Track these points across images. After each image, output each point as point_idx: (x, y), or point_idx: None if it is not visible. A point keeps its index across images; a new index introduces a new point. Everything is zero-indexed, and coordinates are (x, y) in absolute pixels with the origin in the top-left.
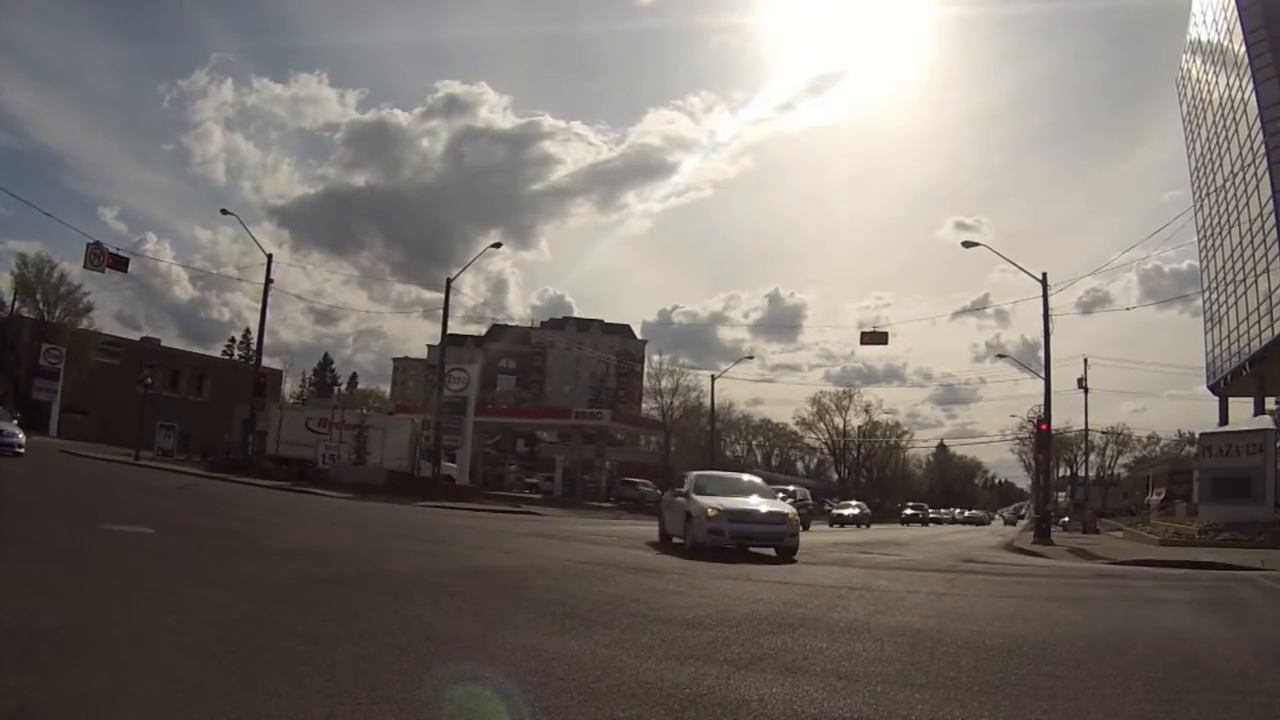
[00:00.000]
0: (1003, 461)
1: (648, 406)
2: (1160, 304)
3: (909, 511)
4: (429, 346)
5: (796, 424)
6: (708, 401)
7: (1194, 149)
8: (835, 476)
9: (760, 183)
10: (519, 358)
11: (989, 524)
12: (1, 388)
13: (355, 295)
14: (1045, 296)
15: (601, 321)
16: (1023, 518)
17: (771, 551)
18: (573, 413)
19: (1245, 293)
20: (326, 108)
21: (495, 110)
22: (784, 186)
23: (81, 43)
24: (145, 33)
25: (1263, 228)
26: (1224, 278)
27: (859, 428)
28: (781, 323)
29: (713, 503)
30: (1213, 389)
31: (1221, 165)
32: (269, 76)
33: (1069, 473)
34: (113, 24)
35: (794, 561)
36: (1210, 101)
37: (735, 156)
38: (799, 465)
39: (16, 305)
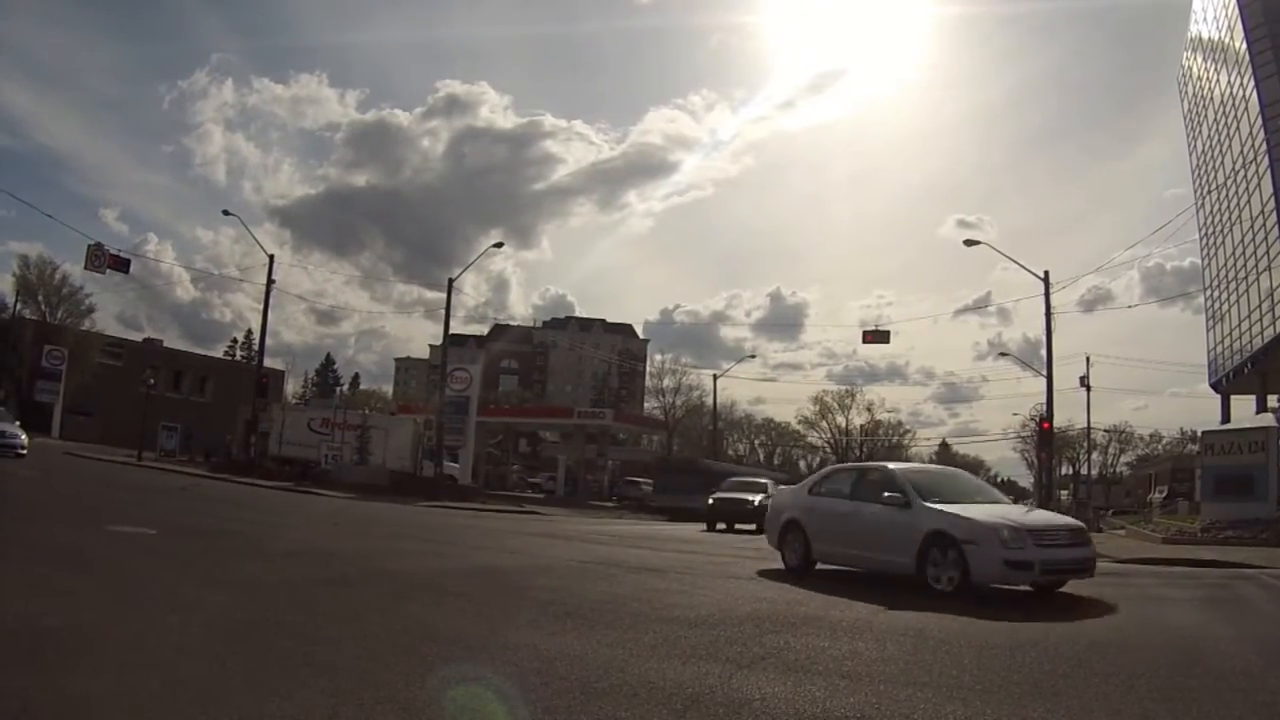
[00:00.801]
0: (1005, 460)
1: (650, 406)
2: (1162, 302)
3: None
4: (431, 346)
5: (799, 423)
6: (710, 401)
7: (1195, 146)
8: None
9: (761, 181)
10: (521, 357)
11: None
12: (4, 389)
13: (357, 295)
14: (1047, 295)
15: (604, 321)
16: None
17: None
18: (575, 412)
19: (1247, 290)
20: (327, 108)
21: (496, 110)
22: (785, 185)
23: (81, 44)
24: (145, 33)
25: (1264, 225)
26: (1226, 275)
27: (861, 427)
28: (783, 321)
29: (998, 518)
30: (1215, 387)
31: (1223, 163)
32: (269, 77)
33: (1071, 471)
34: (112, 25)
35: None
36: (1211, 99)
37: (736, 155)
38: (801, 464)
39: (19, 307)
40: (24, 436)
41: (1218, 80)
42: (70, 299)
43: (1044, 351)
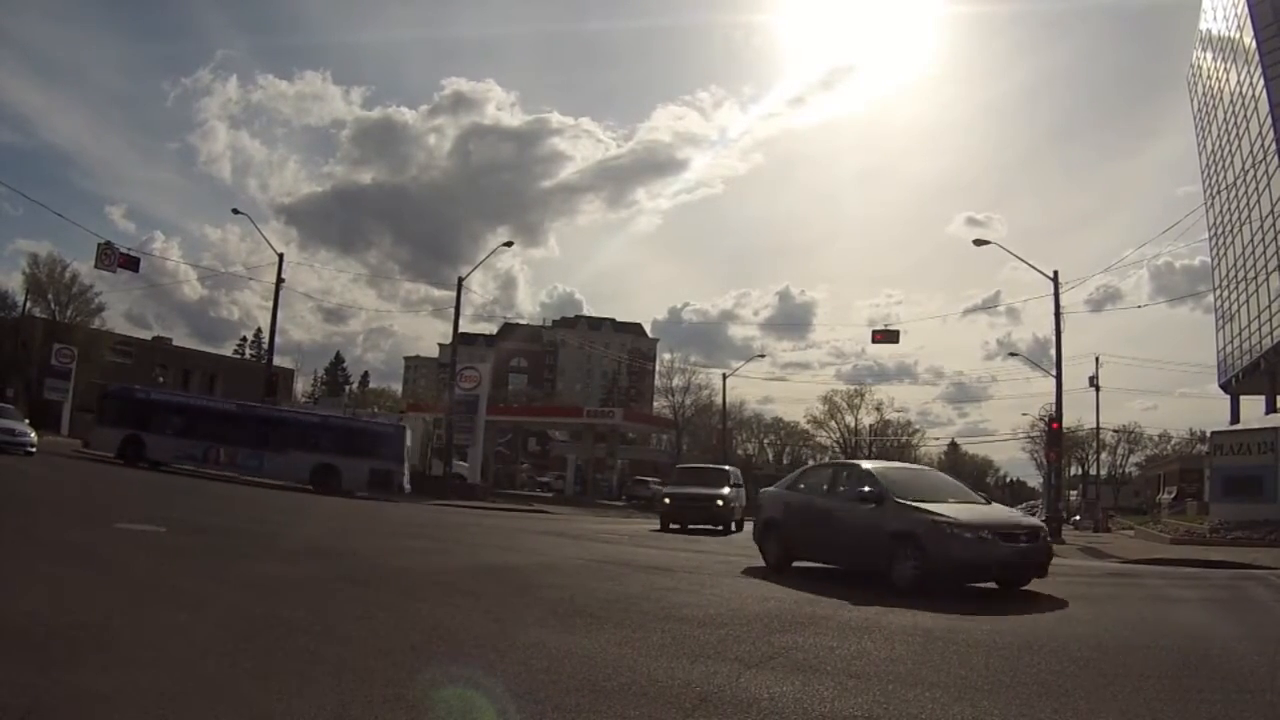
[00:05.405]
0: (1014, 460)
1: (659, 405)
2: (1172, 301)
3: None
4: (440, 345)
5: (808, 422)
6: (719, 400)
7: (1205, 145)
8: None
9: (771, 179)
10: (531, 356)
11: None
12: (13, 388)
13: (364, 294)
14: (1057, 295)
15: (613, 320)
16: (1034, 516)
17: None
18: (584, 411)
19: (1257, 290)
20: (332, 105)
21: (503, 107)
22: (795, 182)
23: (86, 40)
24: (149, 30)
25: (1274, 225)
26: (1236, 275)
27: (870, 426)
28: (792, 320)
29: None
30: (1224, 387)
31: (1233, 162)
32: (274, 73)
33: (1080, 471)
34: (117, 21)
35: None
36: (1221, 97)
37: (746, 152)
38: (810, 464)
39: (28, 305)
40: (33, 435)
41: (1228, 78)
42: (80, 297)
43: (1053, 351)
